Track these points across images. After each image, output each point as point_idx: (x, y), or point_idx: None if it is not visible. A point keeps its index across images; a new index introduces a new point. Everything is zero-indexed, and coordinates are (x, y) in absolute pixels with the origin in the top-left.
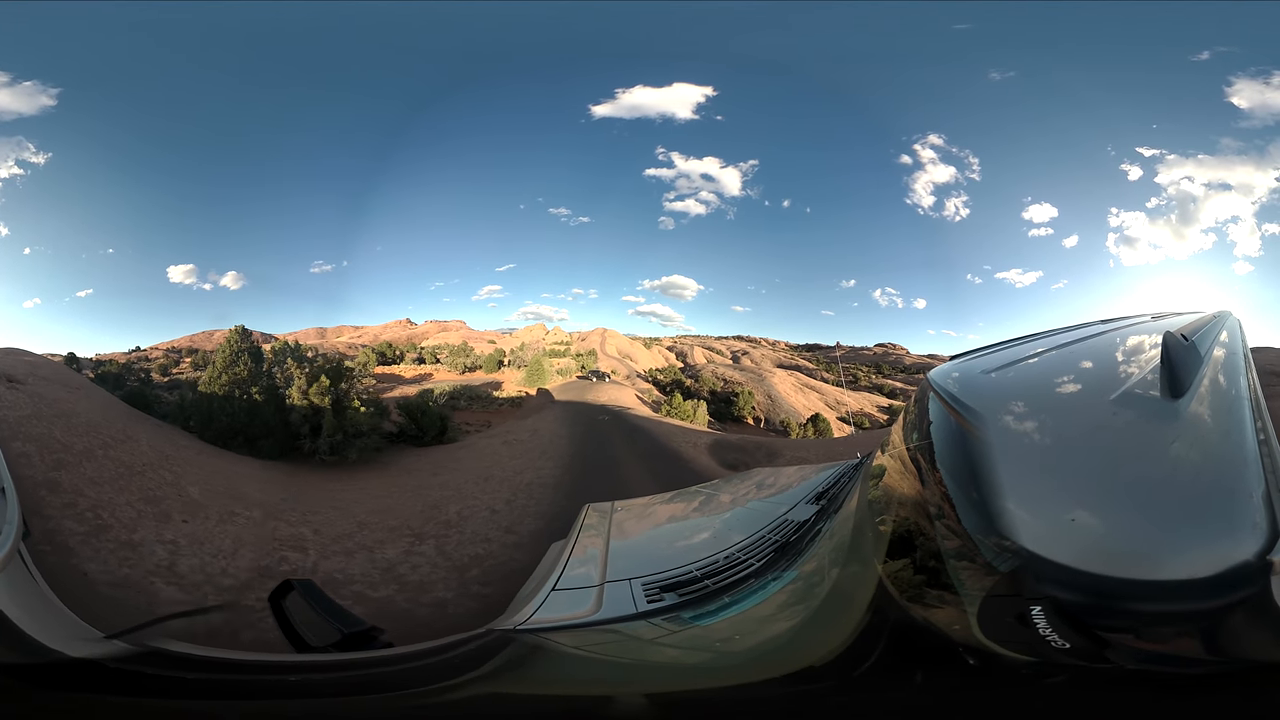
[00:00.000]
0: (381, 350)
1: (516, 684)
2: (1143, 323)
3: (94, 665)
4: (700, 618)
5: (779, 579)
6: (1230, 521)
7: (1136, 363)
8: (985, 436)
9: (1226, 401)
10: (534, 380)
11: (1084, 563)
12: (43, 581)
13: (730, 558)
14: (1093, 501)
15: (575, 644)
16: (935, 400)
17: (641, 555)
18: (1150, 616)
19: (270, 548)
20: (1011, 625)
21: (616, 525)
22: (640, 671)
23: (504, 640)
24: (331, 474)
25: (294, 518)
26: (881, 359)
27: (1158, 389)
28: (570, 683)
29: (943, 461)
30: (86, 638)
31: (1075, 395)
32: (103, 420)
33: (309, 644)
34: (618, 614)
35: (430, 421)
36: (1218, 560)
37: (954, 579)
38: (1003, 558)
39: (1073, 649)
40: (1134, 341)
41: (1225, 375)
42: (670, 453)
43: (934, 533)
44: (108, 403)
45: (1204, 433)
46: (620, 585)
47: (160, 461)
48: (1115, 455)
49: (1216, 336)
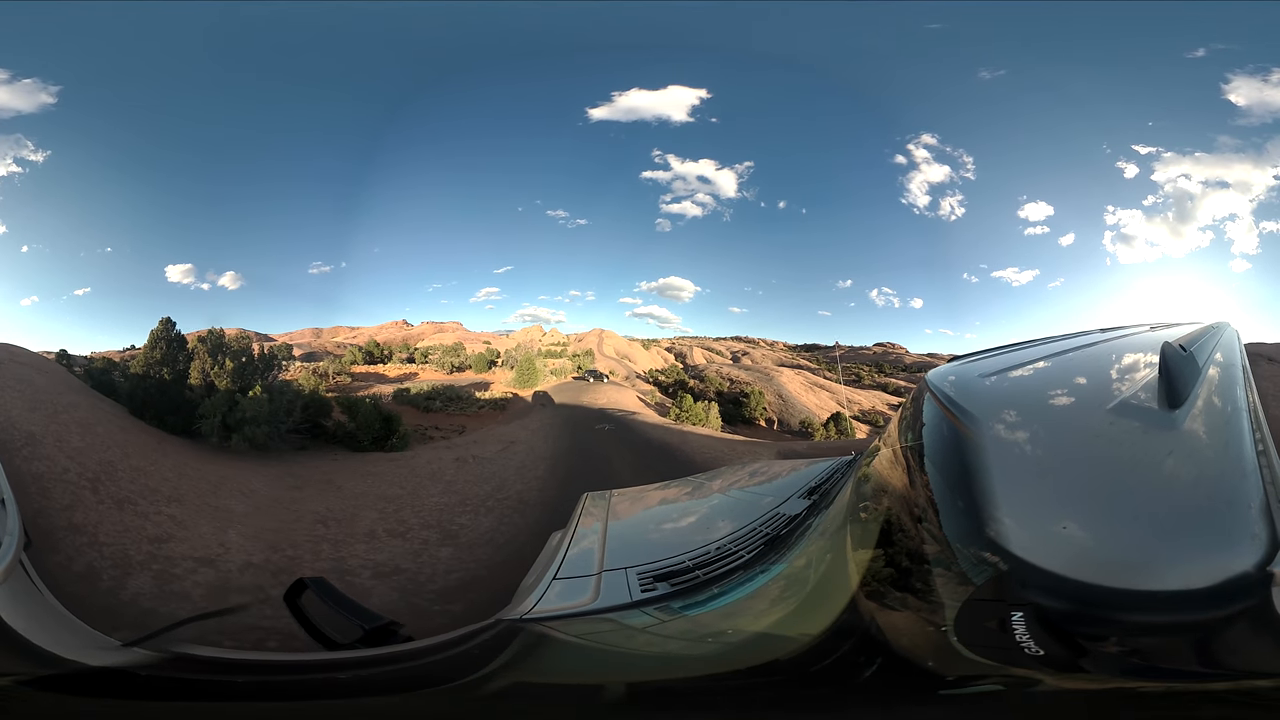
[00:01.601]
0: (370, 349)
1: (530, 673)
2: (1141, 333)
3: (119, 673)
4: (689, 608)
5: (767, 571)
6: (1228, 533)
7: (1134, 373)
8: (980, 440)
9: (1224, 412)
10: (524, 381)
11: (1074, 571)
12: (48, 592)
13: (722, 549)
14: (1087, 510)
15: (575, 633)
16: (932, 402)
17: (637, 544)
18: (1142, 627)
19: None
20: (988, 630)
21: (614, 514)
22: (630, 661)
23: (513, 630)
24: (208, 454)
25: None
26: (882, 358)
27: (1155, 400)
28: (570, 672)
29: (935, 463)
30: (103, 646)
31: (1072, 403)
32: (52, 391)
33: (335, 641)
34: (614, 603)
35: (366, 421)
36: (1216, 571)
37: (937, 580)
38: (989, 563)
39: (1047, 656)
40: (1132, 352)
41: (1223, 386)
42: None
43: (921, 533)
44: (68, 382)
45: (1202, 443)
46: (617, 574)
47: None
48: (1111, 464)
49: (1214, 347)
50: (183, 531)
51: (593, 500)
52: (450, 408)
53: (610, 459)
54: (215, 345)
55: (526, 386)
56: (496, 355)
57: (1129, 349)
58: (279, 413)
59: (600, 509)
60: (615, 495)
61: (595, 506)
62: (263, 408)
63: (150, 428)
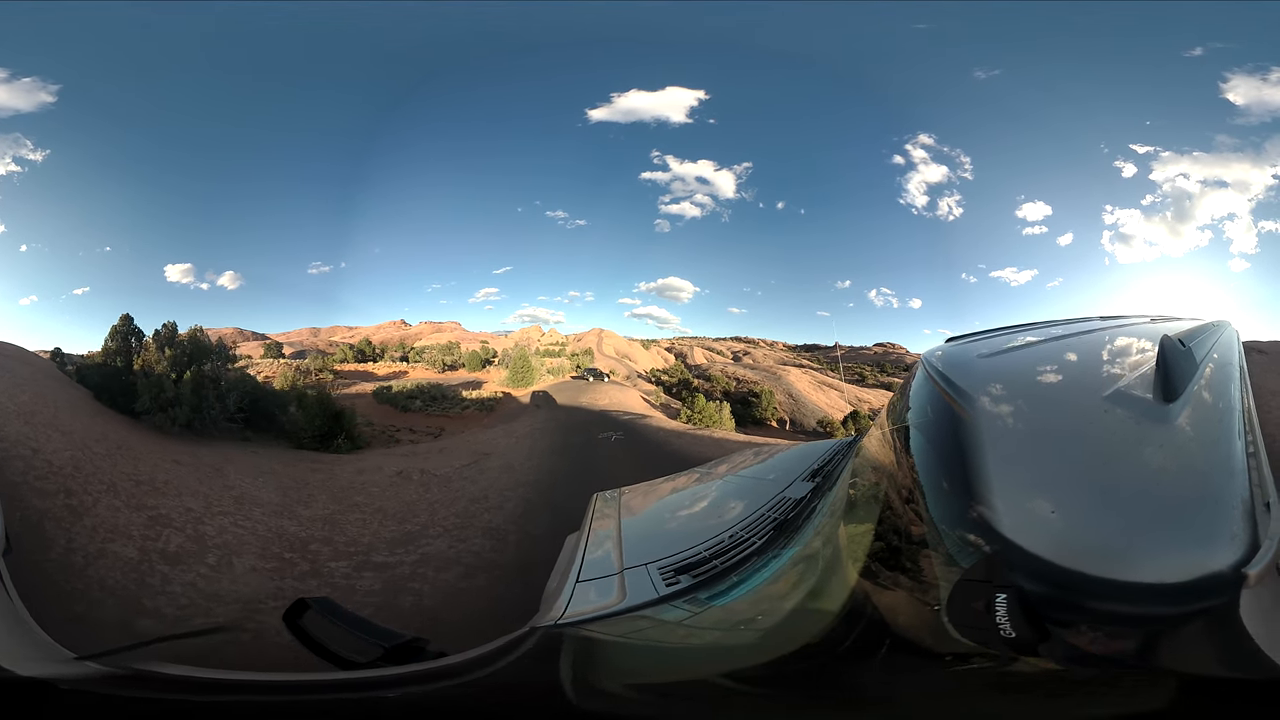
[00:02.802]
0: (361, 348)
1: (592, 678)
2: (1141, 324)
3: (47, 685)
4: (715, 598)
5: (779, 556)
6: (1210, 530)
7: (1132, 363)
8: (974, 419)
9: (1218, 410)
10: (519, 380)
11: (1057, 555)
12: (18, 599)
13: (735, 536)
14: (1075, 494)
15: (618, 633)
16: (928, 380)
17: (653, 539)
18: (1113, 616)
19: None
20: (975, 612)
21: (626, 511)
22: (680, 655)
23: (555, 636)
24: (143, 432)
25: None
26: (882, 358)
27: (1150, 391)
28: (626, 671)
29: (931, 442)
30: (54, 658)
31: (1068, 388)
32: (31, 380)
33: (353, 661)
34: (644, 600)
35: (308, 416)
36: (1191, 567)
37: (930, 561)
38: (979, 543)
39: (1018, 639)
40: (1130, 342)
41: (1219, 384)
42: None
43: (916, 511)
44: (49, 372)
45: (1193, 439)
46: (638, 571)
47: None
48: (1103, 451)
49: (1213, 345)
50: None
51: (603, 500)
52: (432, 408)
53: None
54: (167, 338)
55: (521, 386)
56: (492, 354)
57: (1128, 338)
58: (208, 398)
59: (612, 508)
60: (625, 492)
61: (607, 506)
62: (186, 390)
63: (105, 408)
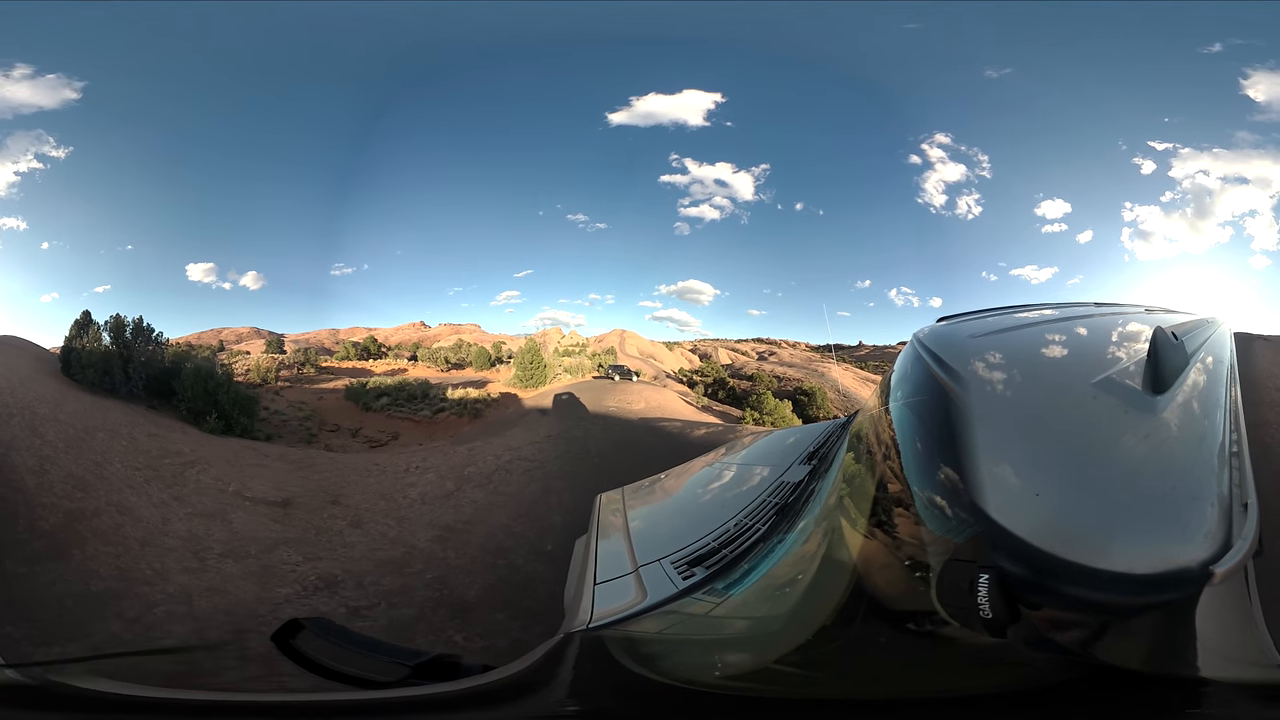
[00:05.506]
0: (366, 345)
1: (634, 679)
2: (1135, 313)
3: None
4: (732, 586)
5: (784, 541)
6: (1185, 524)
7: (1123, 351)
8: (964, 398)
9: (1205, 407)
10: (528, 379)
11: (1036, 537)
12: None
13: (740, 524)
14: (1059, 478)
15: (652, 630)
16: (919, 359)
17: (661, 533)
18: (1072, 601)
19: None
20: (960, 591)
21: (631, 508)
22: (719, 646)
23: (595, 640)
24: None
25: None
26: None
27: (1140, 381)
28: (671, 665)
29: (921, 420)
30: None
31: (1058, 371)
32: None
33: (374, 681)
34: (666, 594)
35: (185, 389)
36: (1161, 560)
37: (923, 537)
38: (967, 522)
39: (993, 620)
40: (1123, 329)
41: (1208, 381)
42: None
43: (906, 491)
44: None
45: (1177, 433)
46: (652, 567)
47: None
48: (1089, 437)
49: (1205, 341)
50: None
51: (608, 500)
52: (403, 409)
53: None
54: (117, 325)
55: (530, 386)
56: (508, 355)
57: (1120, 326)
58: (114, 369)
59: (616, 508)
60: (627, 490)
61: (610, 506)
62: (95, 359)
63: (66, 379)
